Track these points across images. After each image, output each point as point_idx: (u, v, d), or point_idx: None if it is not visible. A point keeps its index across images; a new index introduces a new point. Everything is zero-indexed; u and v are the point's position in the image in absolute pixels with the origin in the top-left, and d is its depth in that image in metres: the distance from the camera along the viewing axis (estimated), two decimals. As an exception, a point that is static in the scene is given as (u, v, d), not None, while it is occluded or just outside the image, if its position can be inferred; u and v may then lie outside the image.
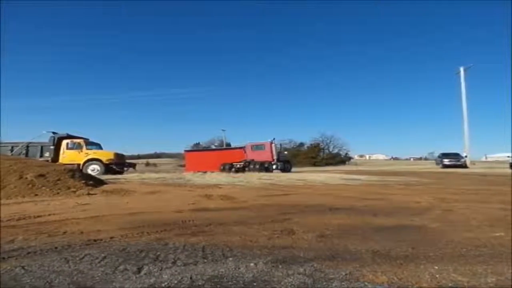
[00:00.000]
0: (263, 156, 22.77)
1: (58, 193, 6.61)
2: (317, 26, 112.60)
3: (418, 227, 3.52)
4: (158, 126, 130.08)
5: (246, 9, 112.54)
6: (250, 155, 23.43)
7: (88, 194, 6.69)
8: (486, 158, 70.10)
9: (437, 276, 1.97)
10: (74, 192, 6.78)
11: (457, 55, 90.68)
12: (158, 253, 2.44)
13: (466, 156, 31.73)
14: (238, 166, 22.32)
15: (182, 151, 33.50)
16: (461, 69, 34.98)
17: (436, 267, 2.12)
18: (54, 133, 18.45)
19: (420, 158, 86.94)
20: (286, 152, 26.48)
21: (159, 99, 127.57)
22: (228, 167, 22.27)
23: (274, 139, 23.82)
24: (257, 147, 23.93)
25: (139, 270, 2.06)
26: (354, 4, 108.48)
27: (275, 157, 22.90)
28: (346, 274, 1.98)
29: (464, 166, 28.77)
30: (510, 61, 73.81)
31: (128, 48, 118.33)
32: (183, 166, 28.78)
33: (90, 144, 18.64)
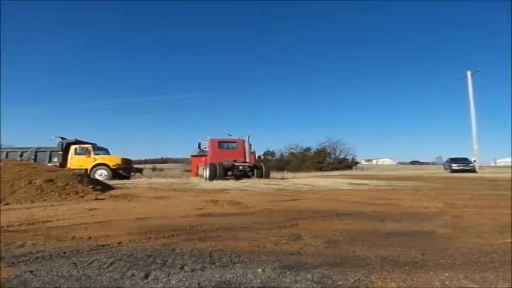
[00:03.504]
0: (232, 156, 16.78)
1: (66, 198, 6.67)
2: (324, 29, 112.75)
3: (427, 233, 3.48)
4: (164, 131, 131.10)
5: (250, 12, 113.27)
6: (214, 155, 16.94)
7: (96, 199, 6.74)
8: (495, 162, 69.16)
9: (447, 283, 1.94)
10: (82, 197, 6.84)
11: (465, 58, 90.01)
12: (166, 258, 2.44)
13: (474, 161, 31.35)
14: (241, 168, 15.95)
15: (189, 156, 31.54)
16: (468, 73, 34.72)
17: (446, 274, 2.08)
18: (62, 138, 18.70)
19: (428, 163, 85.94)
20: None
21: (166, 104, 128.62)
22: (223, 171, 15.23)
23: (249, 136, 17.98)
24: (226, 144, 18.28)
25: (147, 275, 2.06)
26: (362, 5, 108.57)
27: (247, 159, 17.20)
28: (354, 281, 1.96)
29: (473, 171, 28.40)
30: (510, 64, 72.88)
31: (135, 53, 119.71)
32: (190, 171, 28.21)
33: (98, 149, 18.84)
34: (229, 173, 15.83)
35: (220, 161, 15.69)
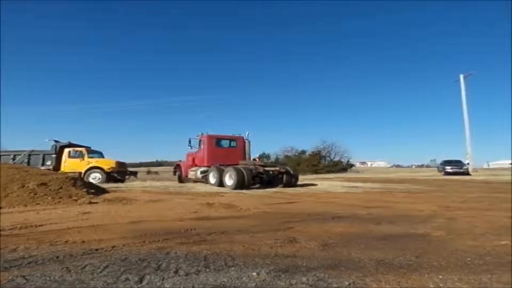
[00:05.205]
0: (232, 157, 14.21)
1: (59, 201, 6.60)
2: (319, 31, 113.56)
3: (422, 235, 3.49)
4: (159, 134, 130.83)
5: (247, 14, 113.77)
6: (211, 155, 14.43)
7: (90, 202, 6.67)
8: (488, 165, 69.74)
9: (441, 285, 1.95)
10: (76, 200, 6.77)
11: (459, 60, 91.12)
12: (160, 262, 2.42)
13: (468, 163, 31.61)
14: (271, 172, 12.77)
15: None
16: (461, 76, 35.06)
17: (441, 276, 2.09)
18: (56, 141, 18.50)
19: (422, 166, 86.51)
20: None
21: (160, 108, 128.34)
22: (247, 174, 11.66)
23: (248, 133, 15.20)
24: (225, 142, 15.45)
25: (141, 279, 2.04)
26: (357, 7, 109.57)
27: (247, 159, 14.45)
28: (349, 284, 1.96)
29: (466, 173, 28.62)
30: (510, 66, 73.82)
31: (130, 56, 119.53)
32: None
33: (92, 152, 18.66)
34: (257, 178, 12.64)
35: (218, 162, 13.45)
